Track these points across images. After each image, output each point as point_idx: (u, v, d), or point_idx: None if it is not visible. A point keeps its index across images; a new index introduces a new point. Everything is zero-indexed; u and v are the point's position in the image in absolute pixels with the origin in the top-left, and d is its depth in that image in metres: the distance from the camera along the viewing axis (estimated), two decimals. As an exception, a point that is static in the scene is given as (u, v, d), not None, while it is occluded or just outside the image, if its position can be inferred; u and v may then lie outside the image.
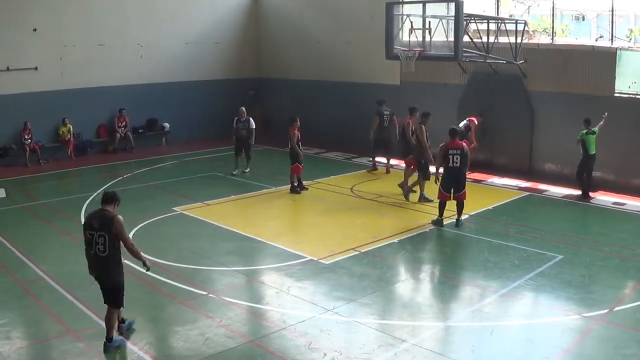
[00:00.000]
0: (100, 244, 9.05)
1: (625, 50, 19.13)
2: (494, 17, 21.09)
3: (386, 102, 21.66)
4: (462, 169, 15.26)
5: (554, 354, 9.25)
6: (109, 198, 9.45)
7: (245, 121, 21.51)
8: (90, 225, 9.17)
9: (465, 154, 15.21)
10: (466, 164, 15.37)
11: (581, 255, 13.35)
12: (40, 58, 23.51)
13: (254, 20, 29.75)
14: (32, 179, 21.29)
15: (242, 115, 21.59)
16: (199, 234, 15.06)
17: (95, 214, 9.31)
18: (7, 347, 9.39)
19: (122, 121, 25.40)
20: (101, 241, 9.04)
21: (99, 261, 9.18)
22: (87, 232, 9.19)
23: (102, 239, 9.04)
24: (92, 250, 9.16)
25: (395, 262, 13.53)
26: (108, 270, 9.25)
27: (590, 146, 17.51)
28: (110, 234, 9.03)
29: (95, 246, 9.10)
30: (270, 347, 9.43)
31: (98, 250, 9.09)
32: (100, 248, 9.07)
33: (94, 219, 9.21)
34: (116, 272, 9.32)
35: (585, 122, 17.50)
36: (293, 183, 18.71)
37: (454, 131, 15.59)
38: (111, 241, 9.06)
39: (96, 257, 9.17)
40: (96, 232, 9.08)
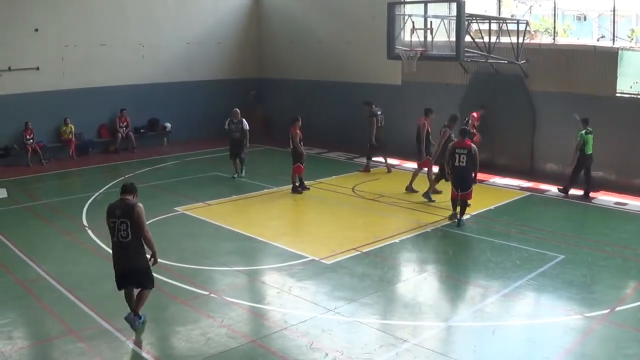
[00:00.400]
0: (122, 230, 9.52)
1: (627, 50, 19.12)
2: (496, 17, 21.09)
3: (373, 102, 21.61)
4: (467, 168, 15.31)
5: (556, 354, 9.25)
6: (128, 188, 9.95)
7: (238, 122, 20.76)
8: (113, 213, 9.63)
9: (473, 155, 15.26)
10: (474, 164, 15.40)
11: (583, 255, 13.34)
12: (41, 58, 23.52)
13: (256, 21, 29.76)
14: (34, 179, 21.30)
15: (236, 116, 20.83)
16: (200, 234, 15.06)
17: (117, 203, 9.74)
18: (8, 347, 9.39)
19: (124, 121, 25.41)
20: (123, 227, 9.52)
21: (122, 247, 9.63)
22: (110, 220, 9.64)
23: (124, 225, 9.52)
24: (115, 238, 9.63)
25: (397, 262, 13.53)
26: (132, 255, 9.69)
27: (589, 146, 17.52)
28: (132, 220, 9.51)
29: (117, 233, 9.57)
30: (271, 347, 9.43)
31: (121, 237, 9.57)
32: (123, 234, 9.54)
33: (116, 208, 9.65)
34: (141, 255, 9.76)
35: (584, 121, 17.51)
36: (295, 183, 18.69)
37: (464, 131, 15.79)
38: (133, 227, 9.52)
39: (119, 243, 9.63)
40: (118, 219, 9.56)
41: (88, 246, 14.14)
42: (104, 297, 11.25)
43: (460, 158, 15.26)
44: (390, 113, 22.40)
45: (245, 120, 20.88)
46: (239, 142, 20.70)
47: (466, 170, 15.33)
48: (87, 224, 15.75)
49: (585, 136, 17.51)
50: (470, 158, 15.23)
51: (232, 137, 20.77)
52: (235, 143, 20.75)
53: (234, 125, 20.78)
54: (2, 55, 22.52)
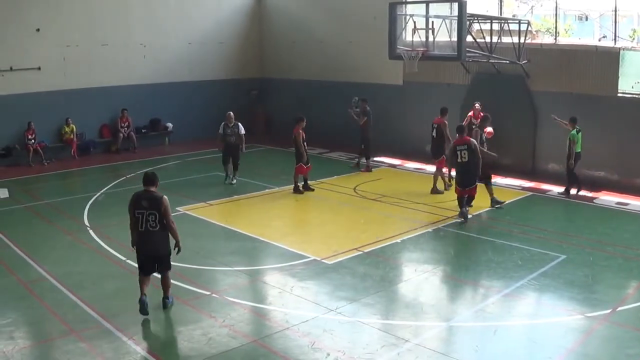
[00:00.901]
0: (151, 220, 10.19)
1: (629, 50, 19.10)
2: (497, 17, 21.10)
3: None
4: (470, 163, 15.52)
5: (557, 354, 9.24)
6: (151, 179, 10.54)
7: (234, 126, 19.75)
8: (140, 205, 10.27)
9: (473, 149, 15.48)
10: (477, 158, 15.62)
11: (584, 255, 13.34)
12: (43, 58, 23.52)
13: (257, 21, 29.77)
14: (36, 179, 21.31)
15: (230, 120, 19.77)
16: (202, 234, 15.05)
17: (143, 194, 10.38)
18: (10, 347, 9.39)
19: (125, 121, 25.41)
20: (152, 218, 10.19)
21: (151, 235, 10.28)
22: (136, 211, 10.28)
23: (152, 216, 10.20)
24: (143, 227, 10.25)
25: (398, 262, 13.52)
26: (160, 241, 10.41)
27: (579, 144, 17.76)
28: (160, 211, 10.20)
29: (145, 223, 10.23)
30: (273, 347, 9.43)
31: (150, 227, 10.23)
32: (152, 224, 10.21)
33: (142, 199, 10.31)
34: (166, 242, 10.46)
35: (572, 120, 17.55)
36: (297, 183, 18.67)
37: (460, 128, 16.03)
38: (160, 218, 10.21)
39: (148, 233, 10.26)
40: (146, 210, 10.22)
41: (89, 246, 14.15)
42: (105, 297, 11.27)
43: (462, 154, 15.54)
44: (391, 113, 22.41)
45: (240, 124, 19.99)
46: (236, 147, 19.77)
47: (469, 165, 15.56)
48: (89, 224, 15.75)
49: (577, 135, 17.57)
50: (471, 153, 15.47)
51: (227, 141, 19.82)
52: (232, 148, 19.78)
53: (229, 130, 19.81)
54: (3, 55, 22.53)
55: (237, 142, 19.73)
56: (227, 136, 19.79)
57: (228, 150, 19.82)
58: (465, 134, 15.82)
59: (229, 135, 19.75)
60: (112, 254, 13.51)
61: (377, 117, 21.39)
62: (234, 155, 19.77)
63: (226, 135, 19.79)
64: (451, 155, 15.74)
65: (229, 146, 19.80)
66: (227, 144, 19.80)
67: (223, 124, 19.86)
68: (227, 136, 19.78)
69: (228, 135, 19.76)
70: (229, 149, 19.81)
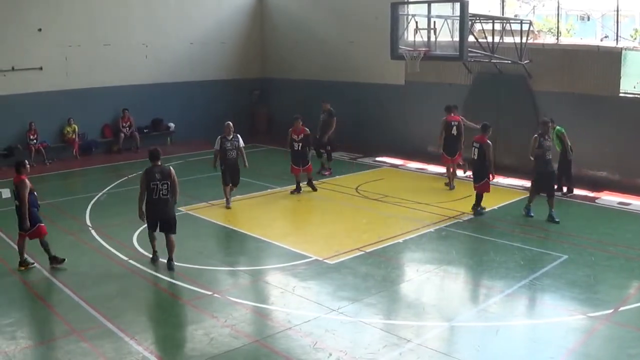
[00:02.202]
0: (164, 189, 12.36)
1: (631, 50, 19.10)
2: (499, 17, 21.07)
3: None
4: (478, 162, 16.09)
5: (559, 354, 9.24)
6: (157, 155, 12.82)
7: (234, 139, 17.06)
8: (154, 177, 12.37)
9: (484, 150, 15.96)
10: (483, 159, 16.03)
11: (586, 255, 13.33)
12: (45, 58, 23.54)
13: (259, 21, 29.77)
14: (37, 179, 21.18)
15: (229, 132, 17.00)
16: (204, 234, 15.08)
17: (154, 168, 12.51)
18: (12, 347, 9.41)
19: (126, 121, 25.42)
20: (165, 187, 12.37)
21: (163, 202, 12.42)
22: (151, 183, 12.34)
23: (165, 185, 12.38)
24: (156, 196, 12.34)
25: (400, 262, 13.52)
26: (169, 207, 12.56)
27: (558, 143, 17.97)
28: (170, 181, 12.45)
29: (159, 192, 12.35)
30: (275, 347, 9.43)
31: (162, 195, 12.38)
32: (164, 192, 12.38)
33: (155, 172, 12.45)
34: (173, 208, 12.72)
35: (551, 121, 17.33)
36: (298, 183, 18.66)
37: (485, 126, 16.32)
38: (171, 186, 12.43)
39: (160, 200, 12.38)
40: (159, 181, 12.36)
41: (91, 246, 14.17)
42: (107, 297, 11.27)
43: (473, 151, 16.16)
44: (393, 113, 22.42)
45: (239, 135, 17.39)
46: (236, 164, 17.16)
47: (477, 163, 16.12)
48: (91, 224, 15.78)
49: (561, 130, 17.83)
50: (481, 152, 15.95)
51: (228, 158, 16.92)
52: (233, 166, 17.08)
53: (228, 143, 16.95)
54: (5, 55, 22.55)
55: (238, 158, 17.17)
56: (226, 151, 16.93)
57: (228, 168, 17.07)
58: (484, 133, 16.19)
59: (229, 150, 16.95)
60: (114, 254, 13.52)
61: (378, 117, 21.41)
62: (234, 174, 17.21)
63: (225, 150, 16.94)
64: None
65: (230, 164, 17.03)
66: (229, 162, 16.99)
67: (220, 138, 17.05)
68: (227, 151, 16.94)
69: (228, 150, 16.95)
70: (230, 167, 17.06)
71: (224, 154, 16.89)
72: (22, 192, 12.45)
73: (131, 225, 15.43)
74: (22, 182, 12.51)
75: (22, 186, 12.48)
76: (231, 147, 16.92)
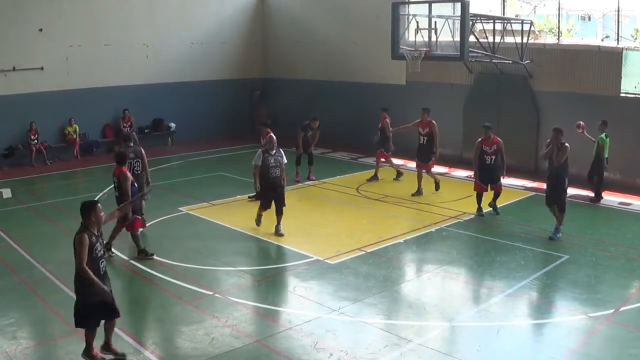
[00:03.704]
0: (137, 166, 14.30)
1: (632, 50, 19.09)
2: (500, 17, 21.08)
3: None
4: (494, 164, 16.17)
5: (560, 354, 9.24)
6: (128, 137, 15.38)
7: (278, 154, 14.52)
8: (129, 156, 13.81)
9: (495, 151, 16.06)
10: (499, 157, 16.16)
11: (587, 255, 13.33)
12: (46, 58, 23.56)
13: (260, 21, 29.79)
14: (38, 179, 21.34)
15: (273, 145, 14.47)
16: (205, 234, 15.07)
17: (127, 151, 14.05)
18: (13, 347, 9.41)
19: (127, 121, 25.41)
20: (137, 164, 14.31)
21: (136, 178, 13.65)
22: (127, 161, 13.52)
23: (137, 163, 14.32)
24: (131, 172, 13.59)
25: (401, 262, 13.52)
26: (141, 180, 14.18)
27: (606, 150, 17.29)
28: (142, 158, 14.44)
29: (133, 169, 13.96)
30: (276, 347, 9.44)
31: (135, 171, 14.07)
32: (137, 169, 14.27)
33: (130, 152, 14.14)
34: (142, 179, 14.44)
35: (604, 124, 17.15)
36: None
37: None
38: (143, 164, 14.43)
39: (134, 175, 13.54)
40: (133, 159, 14.17)
41: (92, 246, 14.15)
42: (108, 297, 11.26)
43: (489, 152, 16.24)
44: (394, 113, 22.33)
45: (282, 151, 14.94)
46: (281, 184, 14.64)
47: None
48: (92, 224, 15.76)
49: (606, 140, 17.20)
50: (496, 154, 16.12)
51: (270, 176, 14.32)
52: (277, 186, 14.50)
53: (272, 159, 14.33)
54: (6, 55, 22.56)
55: (281, 176, 14.65)
56: (269, 168, 14.28)
57: (271, 189, 14.52)
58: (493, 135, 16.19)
59: (272, 167, 14.30)
60: (115, 254, 13.52)
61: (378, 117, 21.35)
62: (279, 197, 14.62)
63: (268, 167, 14.29)
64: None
65: (272, 183, 14.44)
66: (270, 181, 14.39)
67: (261, 152, 14.47)
68: (270, 168, 14.28)
69: (271, 166, 14.30)
70: (272, 187, 14.50)
71: (265, 172, 14.30)
72: (125, 183, 12.68)
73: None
74: (124, 174, 12.77)
75: (124, 178, 12.73)
76: (275, 163, 14.32)
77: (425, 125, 18.23)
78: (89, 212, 9.14)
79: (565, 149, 14.05)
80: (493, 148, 16.01)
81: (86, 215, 9.14)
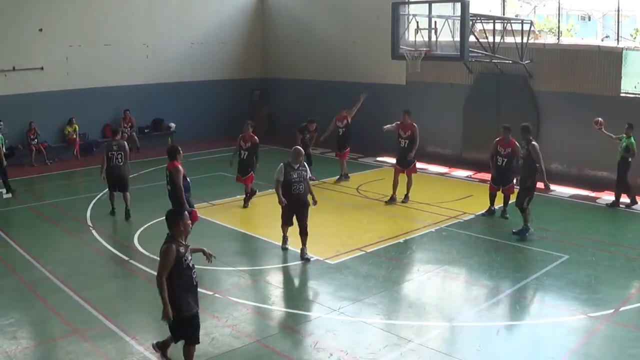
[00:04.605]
0: (120, 158, 16.09)
1: (631, 50, 19.10)
2: (500, 17, 21.09)
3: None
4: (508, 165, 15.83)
5: (560, 354, 9.24)
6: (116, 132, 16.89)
7: (302, 168, 13.18)
8: (112, 148, 16.10)
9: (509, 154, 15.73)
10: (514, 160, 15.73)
11: (587, 255, 13.33)
12: (46, 58, 23.57)
13: (260, 21, 29.80)
14: (38, 179, 21.34)
15: (297, 159, 13.12)
16: (204, 234, 15.02)
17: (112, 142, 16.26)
18: (13, 347, 9.41)
19: (128, 122, 25.40)
20: (120, 157, 16.08)
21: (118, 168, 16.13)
22: (109, 152, 16.09)
23: (120, 155, 16.08)
24: (113, 163, 16.03)
25: (401, 262, 13.52)
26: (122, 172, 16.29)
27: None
28: (125, 152, 16.19)
29: (115, 160, 16.05)
30: (276, 347, 9.43)
31: (117, 162, 16.08)
32: (119, 161, 16.10)
33: (113, 145, 16.13)
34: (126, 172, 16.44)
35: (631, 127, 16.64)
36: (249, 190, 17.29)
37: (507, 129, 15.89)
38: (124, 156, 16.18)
39: (116, 167, 16.09)
40: (116, 152, 16.04)
41: (92, 246, 14.17)
42: (108, 297, 11.29)
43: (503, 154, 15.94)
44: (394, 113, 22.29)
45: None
46: (305, 201, 13.27)
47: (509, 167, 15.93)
48: (91, 224, 15.78)
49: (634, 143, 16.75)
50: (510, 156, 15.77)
51: (293, 192, 13.01)
52: (300, 203, 13.17)
53: (295, 174, 13.01)
54: (6, 55, 22.57)
55: (306, 192, 13.35)
56: (292, 184, 12.98)
57: (293, 205, 13.18)
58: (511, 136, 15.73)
59: (295, 182, 13.02)
60: (115, 254, 13.54)
61: (379, 117, 21.32)
62: (301, 214, 13.28)
63: (291, 182, 12.99)
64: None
65: (295, 200, 13.11)
66: (292, 197, 13.08)
67: (284, 166, 13.10)
68: (293, 183, 12.98)
69: (294, 181, 13.01)
70: (295, 204, 13.16)
71: (288, 187, 13.04)
72: (176, 178, 12.73)
73: (132, 225, 15.50)
74: (176, 169, 12.82)
75: (175, 172, 12.78)
76: (298, 178, 13.06)
77: (407, 128, 17.56)
78: (178, 221, 8.36)
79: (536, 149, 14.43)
80: (507, 150, 15.68)
81: (174, 224, 8.34)
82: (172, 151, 13.06)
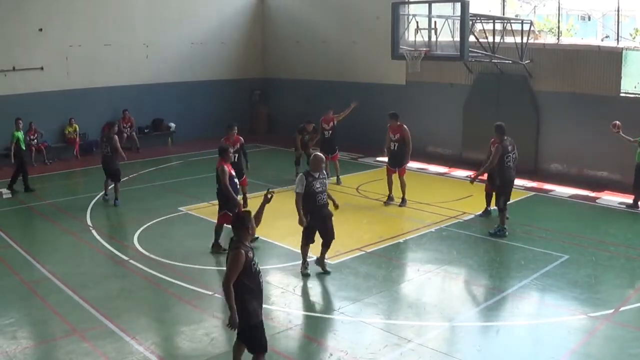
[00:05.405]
0: (109, 149, 17.26)
1: (631, 50, 19.09)
2: (500, 17, 21.09)
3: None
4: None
5: (560, 354, 9.23)
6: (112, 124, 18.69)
7: (322, 176, 11.96)
8: (103, 141, 17.80)
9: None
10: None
11: (587, 255, 13.32)
12: (46, 58, 23.56)
13: (260, 21, 29.79)
14: (38, 179, 21.30)
15: (319, 167, 11.85)
16: (204, 234, 15.03)
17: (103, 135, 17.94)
18: (13, 347, 9.41)
19: (127, 122, 25.40)
20: (109, 147, 17.28)
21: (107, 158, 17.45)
22: (102, 144, 17.87)
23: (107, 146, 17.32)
24: (103, 152, 17.58)
25: (401, 262, 13.52)
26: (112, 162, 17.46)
27: None
28: (112, 143, 17.31)
29: (105, 150, 17.39)
30: (276, 347, 9.41)
31: (107, 153, 17.33)
32: (110, 152, 17.26)
33: (103, 137, 17.82)
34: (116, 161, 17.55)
35: None
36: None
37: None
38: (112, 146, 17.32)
39: (106, 156, 17.43)
40: (104, 142, 17.53)
41: (92, 246, 14.17)
42: (108, 297, 11.28)
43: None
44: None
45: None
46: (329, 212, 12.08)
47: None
48: (91, 224, 15.78)
49: None
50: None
51: (317, 204, 11.81)
52: (324, 215, 11.97)
53: (317, 183, 11.75)
54: (6, 55, 22.57)
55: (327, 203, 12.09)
56: (315, 195, 11.74)
57: (317, 218, 11.96)
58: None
59: (319, 193, 11.78)
60: (115, 254, 13.53)
61: (379, 117, 21.34)
62: (325, 227, 12.08)
63: (314, 193, 11.74)
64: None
65: (318, 212, 11.90)
66: (316, 209, 11.85)
67: (305, 176, 11.84)
68: (316, 194, 11.74)
69: (317, 192, 11.75)
70: (318, 216, 11.95)
71: (311, 199, 11.76)
72: (222, 178, 13.20)
73: (132, 225, 15.49)
74: (222, 168, 13.21)
75: (221, 171, 13.25)
76: (321, 187, 11.80)
77: (396, 130, 17.40)
78: (245, 224, 8.16)
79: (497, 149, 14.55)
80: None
81: (242, 229, 8.10)
82: (220, 150, 13.57)
